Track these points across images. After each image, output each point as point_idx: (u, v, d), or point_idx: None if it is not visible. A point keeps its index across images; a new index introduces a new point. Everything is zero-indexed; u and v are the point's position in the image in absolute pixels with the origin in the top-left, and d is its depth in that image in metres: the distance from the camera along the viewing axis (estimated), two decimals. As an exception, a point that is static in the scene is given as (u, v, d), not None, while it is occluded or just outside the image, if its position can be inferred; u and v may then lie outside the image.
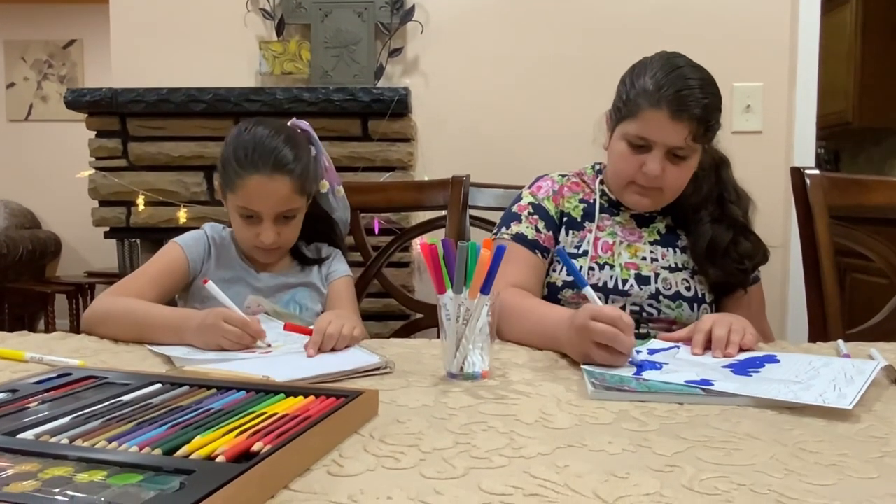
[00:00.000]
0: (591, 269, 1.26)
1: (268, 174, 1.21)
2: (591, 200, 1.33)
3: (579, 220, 1.32)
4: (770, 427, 0.70)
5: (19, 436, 0.58)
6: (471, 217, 1.70)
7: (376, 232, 2.10)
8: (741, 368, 0.92)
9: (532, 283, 1.27)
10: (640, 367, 0.92)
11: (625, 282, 1.25)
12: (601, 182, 1.35)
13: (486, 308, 0.88)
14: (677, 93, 1.16)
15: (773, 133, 2.27)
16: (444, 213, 1.61)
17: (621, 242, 1.29)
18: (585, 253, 1.27)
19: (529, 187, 1.39)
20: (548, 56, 2.31)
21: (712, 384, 0.83)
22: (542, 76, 2.32)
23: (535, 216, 1.32)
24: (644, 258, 1.27)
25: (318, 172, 1.38)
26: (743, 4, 2.25)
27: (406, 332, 1.66)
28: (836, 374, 0.87)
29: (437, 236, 1.26)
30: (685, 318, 1.24)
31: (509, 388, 0.84)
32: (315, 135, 1.38)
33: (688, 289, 1.26)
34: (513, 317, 1.11)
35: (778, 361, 0.95)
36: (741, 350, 1.00)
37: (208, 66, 2.36)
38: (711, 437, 0.67)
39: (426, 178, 2.21)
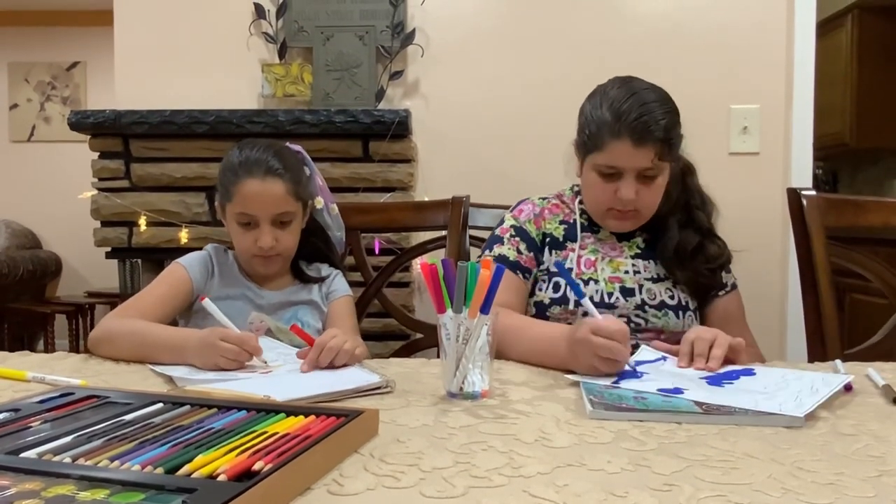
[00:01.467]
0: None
1: (261, 177, 1.27)
2: (572, 221, 1.37)
3: (561, 240, 1.36)
4: (768, 446, 0.71)
5: (22, 455, 0.59)
6: (471, 237, 1.71)
7: (377, 252, 2.11)
8: (716, 380, 0.96)
9: (516, 303, 1.30)
10: (620, 376, 0.96)
11: (610, 295, 1.28)
12: (580, 202, 1.38)
13: (486, 327, 0.89)
14: (636, 120, 1.20)
15: (770, 154, 2.29)
16: (444, 233, 1.62)
17: (603, 258, 1.33)
18: (570, 270, 1.31)
19: (511, 211, 1.43)
20: (546, 78, 2.34)
21: (682, 392, 0.87)
22: (541, 98, 2.35)
23: (517, 238, 1.36)
24: (626, 271, 1.31)
25: (312, 186, 1.41)
26: (739, 27, 2.28)
27: (406, 351, 1.66)
28: (804, 386, 0.90)
29: (437, 256, 1.27)
30: (672, 325, 1.28)
31: (509, 408, 0.84)
32: (308, 157, 1.43)
33: (671, 297, 1.30)
34: (509, 335, 1.12)
35: (754, 374, 0.99)
36: (725, 363, 1.03)
37: (211, 89, 2.38)
38: (709, 457, 0.67)
39: (426, 199, 2.23)
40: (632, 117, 1.20)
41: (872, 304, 2.74)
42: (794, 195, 1.46)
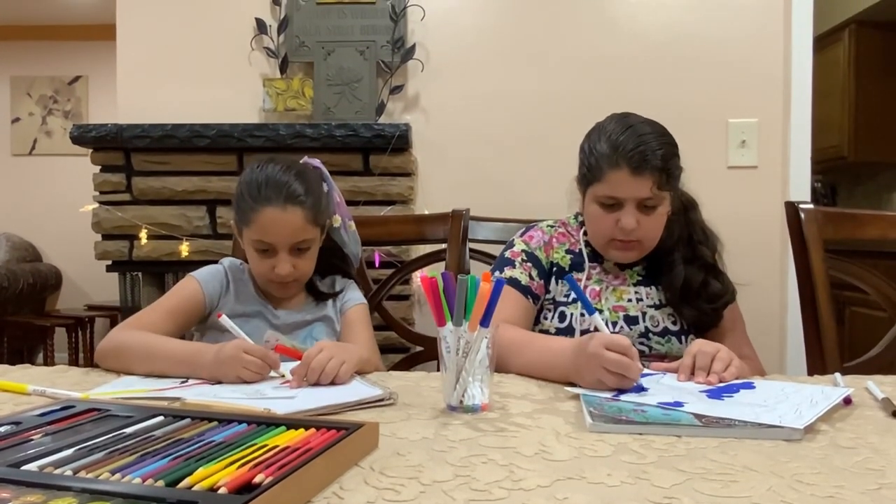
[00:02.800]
0: (581, 315, 1.30)
1: (280, 206, 1.24)
2: (577, 250, 1.39)
3: (567, 269, 1.37)
4: (767, 459, 0.71)
5: (23, 467, 0.59)
6: (470, 250, 1.71)
7: (377, 265, 2.11)
8: (716, 393, 0.96)
9: (523, 324, 1.31)
10: (620, 390, 0.96)
11: (614, 324, 1.30)
12: (584, 234, 1.39)
13: (486, 341, 0.89)
14: (633, 149, 1.24)
15: (768, 168, 2.30)
16: (444, 246, 1.62)
17: (607, 287, 1.34)
18: (575, 301, 1.31)
19: (521, 235, 1.43)
20: (545, 93, 2.36)
21: (682, 405, 0.87)
22: (540, 113, 2.36)
23: (529, 263, 1.37)
24: (630, 299, 1.33)
25: (331, 206, 1.40)
26: (737, 42, 2.30)
27: (406, 364, 1.66)
28: (804, 399, 0.91)
29: (437, 269, 1.28)
30: (675, 351, 1.29)
31: (509, 421, 0.84)
32: (327, 172, 1.41)
33: (674, 323, 1.32)
34: (514, 349, 1.13)
35: (753, 388, 0.99)
36: (721, 381, 1.03)
37: (212, 103, 2.40)
38: (709, 470, 0.67)
39: (426, 212, 2.23)
40: (629, 147, 1.24)
41: (872, 317, 2.74)
42: (792, 209, 1.47)
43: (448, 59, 2.38)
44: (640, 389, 0.97)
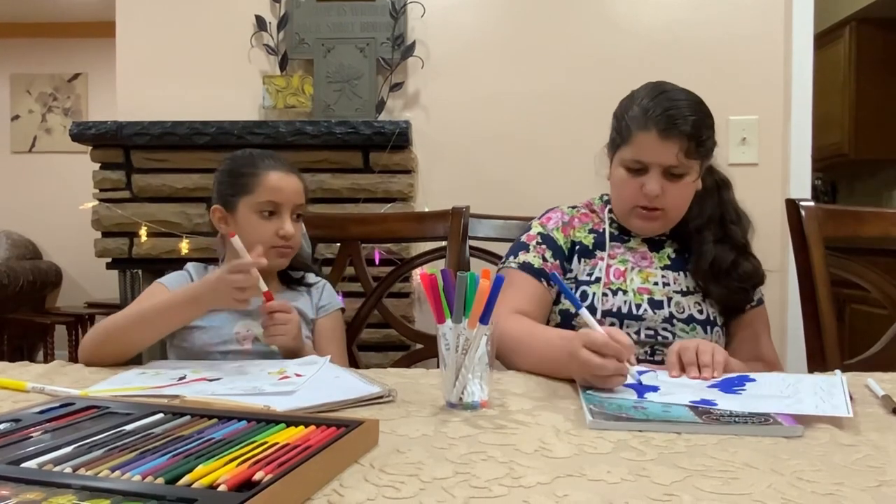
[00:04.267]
0: (604, 294, 1.28)
1: (285, 171, 1.34)
2: (601, 230, 1.36)
3: (591, 248, 1.34)
4: (767, 457, 0.71)
5: (23, 465, 0.59)
6: (470, 248, 1.71)
7: (377, 262, 2.11)
8: (726, 387, 0.96)
9: (534, 310, 1.28)
10: (640, 391, 0.95)
11: (638, 306, 1.27)
12: (609, 211, 1.38)
13: (486, 338, 0.89)
14: (664, 112, 1.22)
15: (769, 165, 2.30)
16: (444, 243, 1.62)
17: (633, 268, 1.31)
18: (598, 280, 1.29)
19: (539, 218, 1.42)
20: (545, 90, 2.35)
21: (716, 404, 0.87)
22: (540, 110, 2.36)
23: (543, 245, 1.34)
24: (656, 283, 1.30)
25: None
26: (737, 39, 2.29)
27: (406, 362, 1.66)
28: (813, 388, 0.92)
29: (437, 267, 1.28)
30: None
31: (508, 418, 0.84)
32: None
33: (700, 312, 1.29)
34: (522, 347, 1.12)
35: (755, 380, 1.00)
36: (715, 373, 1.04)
37: (212, 100, 2.40)
38: (709, 467, 0.67)
39: (426, 209, 2.23)
40: (660, 110, 1.22)
41: (872, 315, 2.74)
42: (792, 206, 1.47)
43: (448, 57, 2.38)
44: (652, 389, 0.95)
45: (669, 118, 1.21)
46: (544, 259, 1.32)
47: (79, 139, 2.26)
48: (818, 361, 1.39)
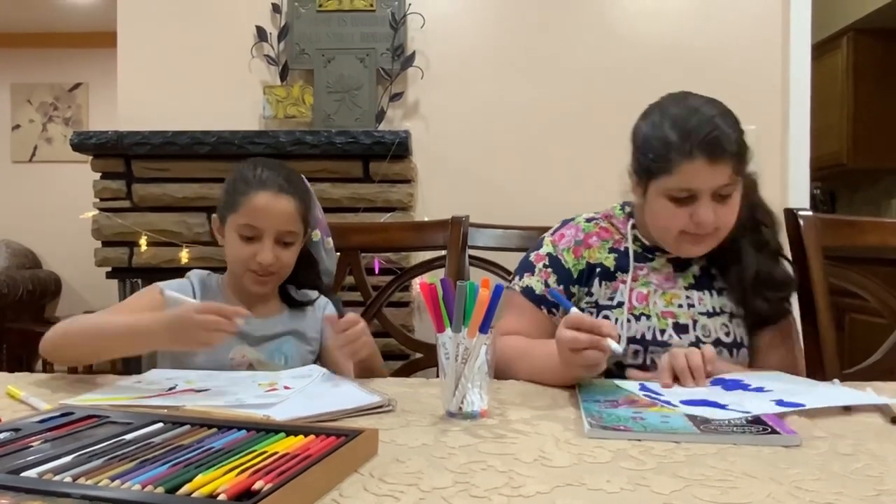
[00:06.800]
0: (627, 321, 1.21)
1: (275, 192, 1.24)
2: (623, 248, 1.28)
3: (612, 270, 1.26)
4: (766, 466, 0.71)
5: (23, 474, 0.59)
6: (470, 257, 1.71)
7: (376, 272, 2.11)
8: (732, 387, 0.99)
9: (531, 335, 1.23)
10: (643, 387, 0.98)
11: (663, 332, 1.21)
12: (633, 226, 1.29)
13: (485, 347, 0.89)
14: (707, 137, 1.11)
15: (767, 174, 2.27)
16: (443, 252, 1.62)
17: (656, 290, 1.24)
18: (620, 304, 1.22)
19: (553, 234, 1.34)
20: (544, 100, 2.36)
21: (751, 412, 0.87)
22: (539, 120, 2.37)
23: (549, 269, 1.28)
24: (681, 305, 1.23)
25: (316, 213, 1.40)
26: (735, 49, 2.31)
27: (406, 371, 1.66)
28: (810, 384, 0.98)
29: (436, 276, 1.28)
30: None
31: (508, 427, 0.84)
32: (310, 187, 1.38)
33: (727, 334, 1.22)
34: (520, 359, 1.13)
35: (746, 383, 1.02)
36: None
37: (213, 110, 2.41)
38: (708, 476, 0.67)
39: (426, 219, 2.24)
40: (702, 134, 1.11)
41: (872, 324, 2.73)
42: (790, 215, 1.47)
43: (448, 67, 2.39)
44: (654, 391, 0.98)
45: (714, 142, 1.11)
46: (546, 285, 1.27)
47: (80, 149, 2.27)
48: (817, 370, 1.39)
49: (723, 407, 0.89)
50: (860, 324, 2.90)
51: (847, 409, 0.93)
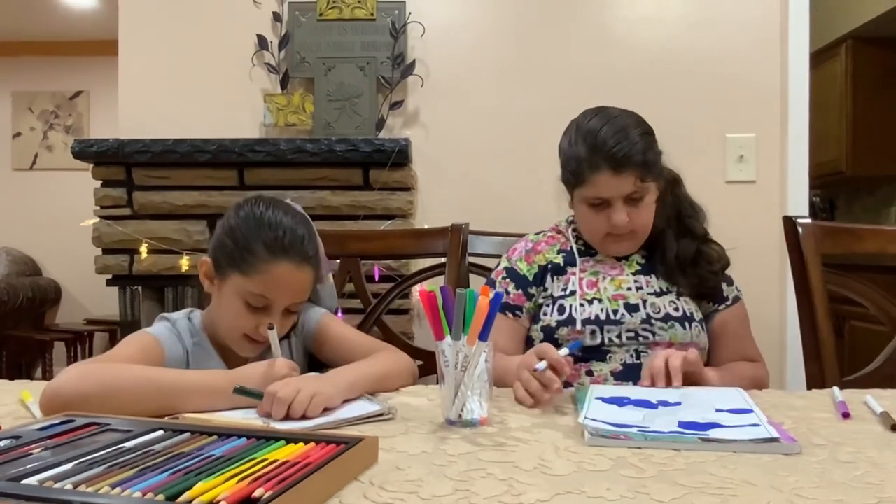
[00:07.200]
0: (581, 305, 1.31)
1: (297, 264, 1.10)
2: (569, 248, 1.41)
3: (562, 265, 1.39)
4: (766, 473, 0.71)
5: (23, 482, 0.59)
6: (470, 264, 1.72)
7: (376, 279, 2.11)
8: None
9: (510, 347, 1.34)
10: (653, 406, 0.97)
11: (615, 312, 1.30)
12: (574, 230, 1.43)
13: (485, 354, 0.89)
14: (610, 150, 1.25)
15: (766, 182, 2.31)
16: (443, 260, 1.63)
17: (605, 277, 1.35)
18: (573, 293, 1.33)
19: (507, 252, 1.47)
20: (543, 108, 2.37)
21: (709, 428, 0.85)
22: (539, 128, 2.37)
23: (507, 279, 1.40)
24: (629, 288, 1.33)
25: (320, 256, 1.23)
26: (734, 57, 2.31)
27: (405, 379, 1.66)
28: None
29: (436, 283, 1.28)
30: (679, 337, 1.30)
31: (508, 435, 0.84)
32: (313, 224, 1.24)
33: (676, 309, 1.32)
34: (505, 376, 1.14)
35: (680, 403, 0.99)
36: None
37: (213, 118, 2.41)
38: (708, 484, 0.67)
39: (426, 226, 2.24)
40: (606, 149, 1.25)
41: (872, 332, 2.73)
42: (789, 223, 1.47)
43: (448, 75, 2.40)
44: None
45: (616, 154, 1.24)
46: (507, 292, 1.38)
47: (80, 156, 2.27)
48: (817, 378, 1.39)
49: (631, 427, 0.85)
50: (860, 331, 2.90)
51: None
